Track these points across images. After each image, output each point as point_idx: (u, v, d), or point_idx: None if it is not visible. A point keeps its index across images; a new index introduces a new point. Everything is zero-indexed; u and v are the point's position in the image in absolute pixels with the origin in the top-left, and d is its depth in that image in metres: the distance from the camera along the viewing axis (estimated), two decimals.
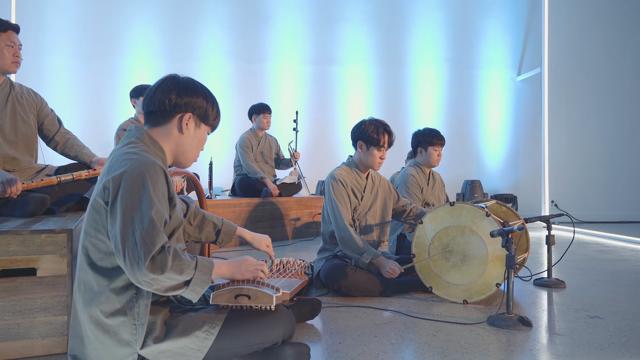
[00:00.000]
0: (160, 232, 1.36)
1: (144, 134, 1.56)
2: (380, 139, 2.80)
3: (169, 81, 1.58)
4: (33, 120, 2.73)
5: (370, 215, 2.91)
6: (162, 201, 1.42)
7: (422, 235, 2.62)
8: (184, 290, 1.40)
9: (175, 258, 1.36)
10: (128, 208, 1.34)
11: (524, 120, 7.49)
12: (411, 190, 3.55)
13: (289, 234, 5.12)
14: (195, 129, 1.60)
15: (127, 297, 1.43)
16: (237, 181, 5.22)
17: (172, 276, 1.35)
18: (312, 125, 6.85)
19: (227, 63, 6.68)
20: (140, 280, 1.32)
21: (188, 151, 1.61)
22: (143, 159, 1.43)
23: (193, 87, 1.59)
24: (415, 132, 3.72)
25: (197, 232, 1.90)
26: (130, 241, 1.31)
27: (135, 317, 1.42)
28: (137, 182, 1.37)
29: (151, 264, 1.30)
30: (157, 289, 1.36)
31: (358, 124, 2.90)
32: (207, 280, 1.42)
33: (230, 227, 1.95)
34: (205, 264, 1.44)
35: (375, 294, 2.62)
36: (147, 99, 1.58)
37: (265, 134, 5.41)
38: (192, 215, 1.91)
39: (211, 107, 1.62)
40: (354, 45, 7.06)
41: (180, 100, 1.55)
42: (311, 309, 2.15)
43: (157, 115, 1.56)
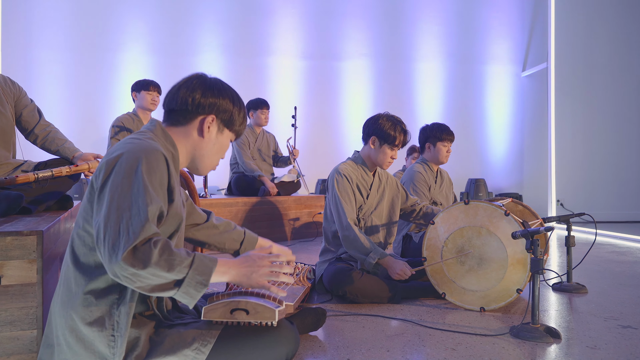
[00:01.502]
0: (149, 222, 1.16)
1: (157, 127, 1.39)
2: (396, 138, 2.59)
3: (195, 79, 1.41)
4: (10, 111, 2.50)
5: (376, 215, 2.69)
6: (159, 190, 1.22)
7: (434, 236, 2.40)
8: (175, 291, 1.19)
9: (163, 252, 1.15)
10: (117, 193, 1.16)
11: (529, 117, 7.29)
12: (418, 188, 3.35)
13: (287, 234, 4.91)
14: (218, 134, 1.42)
15: (107, 302, 1.23)
16: (234, 180, 4.99)
17: (158, 272, 1.14)
18: (311, 122, 6.63)
19: (223, 57, 6.46)
20: (119, 274, 1.12)
21: (207, 157, 1.43)
22: (144, 143, 1.25)
23: (220, 88, 1.42)
24: (423, 127, 3.51)
25: (222, 237, 1.71)
26: (113, 229, 1.13)
27: (115, 326, 1.21)
28: (131, 166, 1.19)
29: (131, 256, 1.11)
30: (141, 288, 1.16)
31: (374, 118, 2.67)
32: (204, 282, 1.20)
33: (253, 237, 1.78)
34: (205, 263, 1.22)
35: (383, 300, 2.41)
36: (170, 95, 1.41)
37: (263, 131, 5.20)
38: (215, 220, 1.72)
39: (238, 111, 1.45)
40: (355, 40, 6.85)
41: (204, 100, 1.38)
42: (315, 320, 1.93)
43: (178, 114, 1.39)
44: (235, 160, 5.01)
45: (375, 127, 2.61)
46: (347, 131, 6.69)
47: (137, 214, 1.14)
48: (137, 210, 1.15)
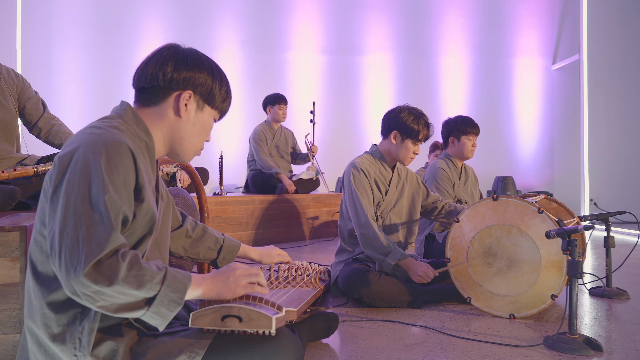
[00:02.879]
0: (114, 230, 1.00)
1: (127, 110, 1.21)
2: (419, 132, 2.42)
3: (166, 50, 1.23)
4: (13, 104, 2.40)
5: (395, 213, 2.51)
6: (122, 191, 1.05)
7: (459, 235, 2.20)
8: (145, 311, 1.03)
9: (132, 266, 1.00)
10: (73, 196, 0.99)
11: (560, 112, 6.96)
12: (441, 185, 3.15)
13: (306, 233, 4.75)
14: (197, 111, 1.25)
15: (68, 317, 1.06)
16: (251, 177, 4.87)
17: (126, 290, 0.98)
18: (330, 118, 6.46)
19: (241, 53, 6.35)
20: (78, 292, 0.96)
21: (187, 140, 1.25)
22: (105, 134, 1.07)
23: (196, 59, 1.23)
24: (446, 120, 3.31)
25: (195, 246, 1.56)
26: (70, 238, 0.96)
27: (77, 344, 1.05)
28: (87, 164, 1.01)
29: (94, 271, 0.94)
30: (104, 307, 0.99)
31: (394, 111, 2.50)
32: (177, 300, 1.05)
33: (234, 244, 1.62)
34: (178, 278, 1.07)
35: (402, 304, 2.23)
36: (138, 71, 1.24)
37: (281, 127, 5.05)
38: (190, 226, 1.56)
39: (218, 85, 1.26)
40: (376, 33, 6.65)
41: (177, 74, 1.20)
42: (326, 326, 1.76)
43: (149, 92, 1.22)
44: (253, 157, 4.88)
45: (397, 121, 2.43)
46: (368, 127, 6.49)
47: (101, 221, 0.98)
48: (100, 216, 0.98)
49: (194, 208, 2.15)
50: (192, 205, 2.13)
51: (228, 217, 4.10)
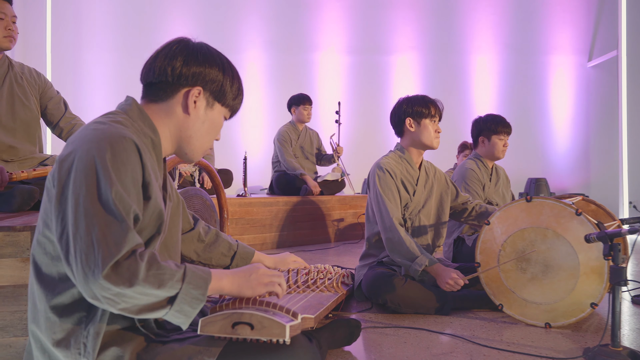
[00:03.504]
0: (130, 229, 0.95)
1: (132, 106, 1.15)
2: (430, 108, 2.37)
3: (176, 44, 1.18)
4: (35, 104, 2.41)
5: (424, 214, 2.40)
6: (131, 189, 1.00)
7: (490, 239, 2.08)
8: (167, 310, 0.99)
9: (151, 265, 0.95)
10: (81, 196, 0.94)
11: (596, 111, 6.69)
12: (471, 187, 3.02)
13: (331, 236, 4.67)
14: (207, 109, 1.19)
15: (73, 321, 1.02)
16: (275, 178, 4.82)
17: (147, 290, 0.94)
18: (356, 118, 6.37)
19: (266, 54, 6.32)
20: (99, 295, 0.92)
21: (195, 139, 1.19)
22: (109, 130, 1.02)
23: (206, 54, 1.17)
24: (476, 119, 3.19)
25: (208, 251, 1.51)
26: (84, 241, 0.92)
27: (82, 349, 1.01)
28: (92, 161, 0.96)
29: (113, 273, 0.90)
30: (126, 310, 0.95)
31: (395, 105, 2.46)
32: (199, 297, 1.00)
33: (248, 251, 1.57)
34: (199, 275, 1.02)
35: (429, 311, 2.12)
36: (146, 66, 1.19)
37: (306, 127, 4.99)
38: (202, 230, 1.51)
39: (229, 82, 1.20)
40: (403, 32, 6.53)
41: (187, 69, 1.14)
42: (348, 333, 1.67)
43: (157, 87, 1.16)
44: (277, 158, 4.83)
45: (404, 110, 2.38)
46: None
47: (115, 221, 0.93)
48: (113, 216, 0.94)
49: (213, 209, 2.09)
50: (211, 206, 2.08)
51: (252, 218, 4.05)
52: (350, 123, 6.23)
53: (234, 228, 3.91)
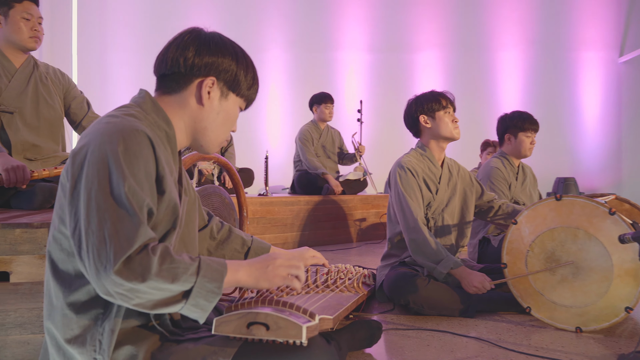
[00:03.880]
0: (142, 223, 0.93)
1: (145, 98, 1.14)
2: (440, 100, 2.32)
3: (187, 35, 1.16)
4: (59, 103, 2.43)
5: (447, 213, 2.33)
6: (144, 182, 0.98)
7: (517, 239, 2.01)
8: (183, 305, 0.96)
9: (164, 259, 0.93)
10: (94, 190, 0.93)
11: (627, 108, 6.47)
12: (496, 186, 2.94)
13: (353, 236, 4.62)
14: (221, 99, 1.16)
15: (89, 317, 1.00)
16: (296, 177, 4.79)
17: (161, 285, 0.92)
18: (379, 117, 6.30)
19: (288, 53, 6.32)
20: (112, 291, 0.90)
21: (210, 130, 1.17)
22: (121, 123, 1.00)
23: (219, 44, 1.15)
24: (502, 116, 3.10)
25: (221, 248, 1.48)
26: (96, 236, 0.90)
27: (97, 347, 0.99)
28: (105, 155, 0.95)
29: (125, 268, 0.89)
30: (140, 305, 0.93)
31: (407, 105, 2.43)
32: (215, 290, 0.98)
33: (263, 246, 1.53)
34: (214, 267, 0.99)
35: (453, 312, 2.05)
36: (159, 57, 1.17)
37: (328, 126, 4.95)
38: (215, 227, 1.49)
39: (244, 71, 1.17)
40: (427, 30, 6.44)
41: (199, 59, 1.12)
42: (368, 334, 1.63)
43: (170, 79, 1.15)
44: (299, 157, 4.81)
45: (416, 109, 2.35)
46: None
47: (127, 215, 0.92)
48: (125, 210, 0.92)
49: (232, 207, 2.07)
50: (230, 204, 2.06)
51: (273, 217, 4.03)
52: (372, 122, 6.17)
53: (255, 227, 3.89)
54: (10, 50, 2.28)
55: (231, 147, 4.21)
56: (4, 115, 2.22)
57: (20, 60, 2.32)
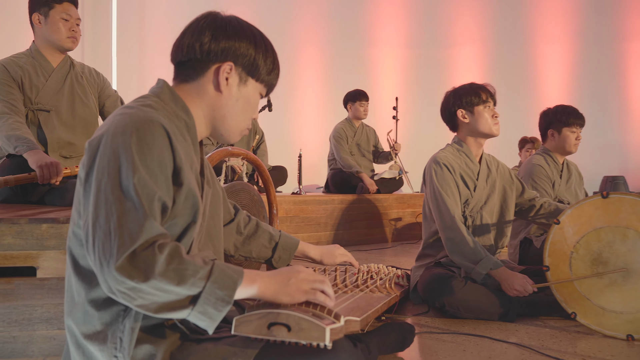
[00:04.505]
0: (150, 219, 0.89)
1: (164, 88, 1.11)
2: (480, 94, 2.19)
3: (203, 19, 1.12)
4: (93, 102, 2.46)
5: (486, 212, 2.22)
6: (158, 174, 0.94)
7: (560, 239, 1.88)
8: (189, 311, 0.91)
9: (172, 259, 0.88)
10: (103, 182, 0.90)
11: None
12: (539, 184, 2.80)
13: (388, 236, 4.53)
14: (240, 85, 1.12)
15: (110, 314, 0.97)
16: (331, 176, 4.74)
17: (165, 287, 0.87)
18: (415, 114, 6.17)
19: (323, 52, 6.29)
20: (114, 289, 0.86)
21: (230, 117, 1.13)
22: (136, 114, 0.97)
23: (236, 28, 1.11)
24: (545, 111, 2.96)
25: (247, 244, 1.43)
26: (102, 230, 0.87)
27: (118, 345, 0.96)
28: (116, 146, 0.92)
29: (128, 264, 0.84)
30: (144, 307, 0.89)
31: (444, 97, 2.33)
32: (225, 299, 0.91)
33: (291, 241, 1.46)
34: (227, 273, 0.93)
35: (492, 316, 1.94)
36: (175, 45, 1.14)
37: (362, 124, 4.88)
38: (241, 221, 1.44)
39: (263, 55, 1.12)
40: (465, 24, 6.27)
41: (216, 44, 1.08)
42: (400, 338, 1.55)
43: (187, 66, 1.11)
44: (333, 155, 4.76)
45: (454, 101, 2.23)
46: None
47: (133, 208, 0.88)
48: (132, 203, 0.88)
49: (262, 204, 2.03)
50: (259, 201, 2.02)
51: (306, 216, 3.99)
52: (408, 119, 6.04)
53: (288, 226, 3.86)
54: (48, 50, 2.32)
55: (263, 144, 4.20)
56: (41, 114, 2.26)
57: (58, 60, 2.36)
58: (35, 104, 2.24)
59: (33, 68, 2.27)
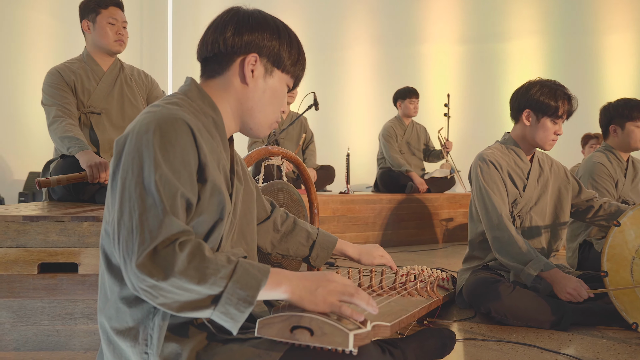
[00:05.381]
0: (170, 216, 0.89)
1: (191, 86, 1.12)
2: (558, 107, 2.00)
3: (226, 15, 1.12)
4: (142, 103, 2.54)
5: (537, 213, 2.09)
6: (181, 170, 0.94)
7: (620, 243, 1.74)
8: (212, 311, 0.90)
9: (194, 257, 0.87)
10: (127, 180, 0.92)
11: None
12: (600, 183, 2.62)
13: (438, 236, 4.41)
14: (266, 76, 1.11)
15: (142, 311, 0.98)
16: (379, 175, 4.67)
17: (186, 285, 0.86)
18: (467, 111, 5.96)
19: (374, 49, 6.22)
20: (137, 286, 0.87)
21: (257, 110, 1.12)
22: (161, 112, 0.98)
23: (259, 20, 1.10)
24: (605, 106, 2.77)
25: (285, 242, 1.42)
26: (126, 227, 0.88)
27: (148, 342, 0.97)
28: (140, 144, 0.93)
29: (149, 262, 0.85)
30: (165, 305, 0.89)
31: (524, 86, 2.12)
32: (248, 299, 0.89)
33: (329, 239, 1.43)
34: (252, 273, 0.91)
35: (543, 324, 1.83)
36: (200, 42, 1.14)
37: (413, 122, 4.77)
38: (278, 218, 1.42)
39: (287, 45, 1.11)
40: (523, 16, 5.99)
41: (238, 38, 1.08)
42: (439, 344, 1.47)
43: (212, 62, 1.11)
44: (382, 154, 4.68)
45: (528, 98, 2.05)
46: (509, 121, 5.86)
47: (153, 205, 0.88)
48: (153, 199, 0.88)
49: (301, 203, 2.02)
50: (299, 200, 2.01)
51: (354, 216, 3.95)
52: (460, 116, 5.85)
53: (335, 226, 3.84)
54: (98, 54, 2.42)
55: (312, 144, 4.19)
56: (93, 116, 2.36)
57: (108, 64, 2.45)
58: (87, 107, 2.34)
59: (85, 72, 2.37)
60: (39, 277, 1.38)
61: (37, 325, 1.38)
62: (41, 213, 1.45)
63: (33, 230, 1.37)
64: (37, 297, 1.38)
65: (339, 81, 6.20)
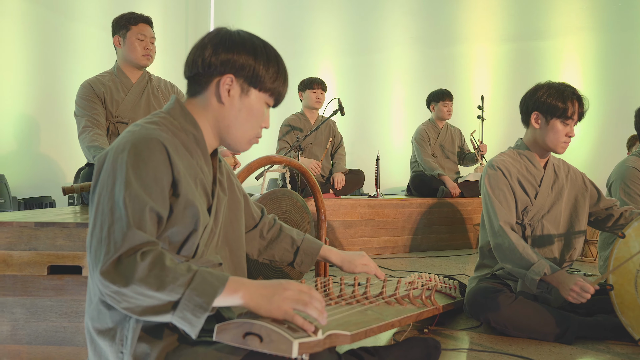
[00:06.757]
0: (133, 229, 0.97)
1: (174, 104, 1.20)
2: (567, 108, 1.93)
3: (207, 36, 1.19)
4: None
5: (549, 221, 2.03)
6: (152, 187, 1.03)
7: (625, 255, 1.66)
8: (171, 316, 0.97)
9: (154, 266, 0.95)
10: (102, 195, 1.02)
11: None
12: (633, 189, 2.49)
13: (472, 242, 4.31)
14: (242, 96, 1.17)
15: (120, 314, 1.07)
16: (411, 179, 4.63)
17: (146, 292, 0.94)
18: (503, 113, 5.77)
19: (412, 50, 6.15)
20: (102, 291, 0.97)
21: (234, 127, 1.18)
22: (138, 132, 1.07)
23: (236, 41, 1.16)
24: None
25: (270, 248, 1.48)
26: (96, 238, 0.98)
27: (124, 342, 1.06)
28: (115, 162, 1.02)
29: (113, 270, 0.94)
30: (129, 309, 0.97)
31: (530, 90, 2.06)
32: (204, 305, 0.96)
33: (313, 246, 1.47)
34: (209, 281, 0.97)
35: (547, 337, 1.78)
36: (185, 62, 1.22)
37: (447, 125, 4.70)
38: (265, 225, 1.49)
39: (263, 65, 1.16)
40: (567, 13, 5.73)
41: (215, 58, 1.14)
42: (424, 354, 1.47)
43: (193, 81, 1.19)
44: (415, 158, 4.64)
45: (535, 100, 1.99)
46: None
47: (119, 218, 0.97)
48: (119, 213, 0.97)
49: (305, 210, 2.06)
50: (303, 207, 2.05)
51: (382, 220, 3.95)
52: (496, 119, 5.69)
53: (363, 230, 3.86)
54: (127, 67, 2.58)
55: (341, 148, 4.22)
56: (121, 126, 2.52)
57: (136, 76, 2.61)
58: (115, 117, 2.50)
59: (114, 84, 2.53)
60: (48, 278, 1.51)
61: (47, 322, 1.51)
62: (51, 219, 1.58)
63: (43, 235, 1.50)
64: (47, 296, 1.51)
65: (372, 85, 6.19)
